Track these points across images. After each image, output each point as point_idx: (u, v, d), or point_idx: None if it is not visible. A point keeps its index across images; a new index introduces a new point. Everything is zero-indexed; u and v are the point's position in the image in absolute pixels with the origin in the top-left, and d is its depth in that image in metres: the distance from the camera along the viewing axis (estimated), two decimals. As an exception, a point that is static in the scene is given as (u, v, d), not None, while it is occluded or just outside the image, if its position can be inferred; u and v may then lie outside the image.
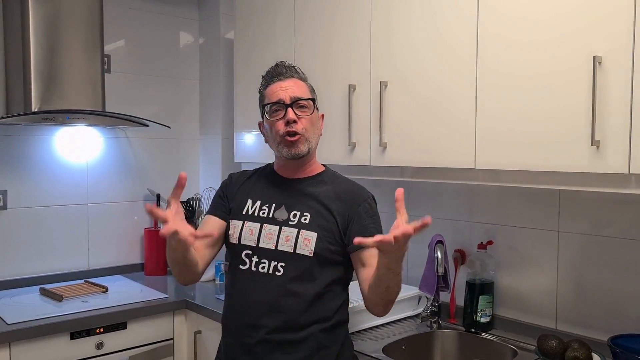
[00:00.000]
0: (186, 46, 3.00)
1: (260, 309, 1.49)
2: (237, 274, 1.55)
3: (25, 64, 2.25)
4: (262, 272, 1.51)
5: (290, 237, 1.50)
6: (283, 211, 1.54)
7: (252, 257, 1.52)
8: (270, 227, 1.53)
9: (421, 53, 1.77)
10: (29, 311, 2.10)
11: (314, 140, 1.57)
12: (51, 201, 2.58)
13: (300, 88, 1.56)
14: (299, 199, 1.55)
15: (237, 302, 1.55)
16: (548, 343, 1.59)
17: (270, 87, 1.56)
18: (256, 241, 1.53)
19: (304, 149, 1.53)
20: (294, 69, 1.59)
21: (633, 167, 1.31)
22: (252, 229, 1.54)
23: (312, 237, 1.49)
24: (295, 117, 1.51)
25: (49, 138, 2.58)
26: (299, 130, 1.51)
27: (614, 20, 1.33)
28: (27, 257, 2.51)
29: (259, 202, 1.58)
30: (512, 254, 1.95)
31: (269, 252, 1.51)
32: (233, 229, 1.57)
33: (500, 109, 1.57)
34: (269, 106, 1.55)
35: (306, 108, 1.54)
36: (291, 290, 1.48)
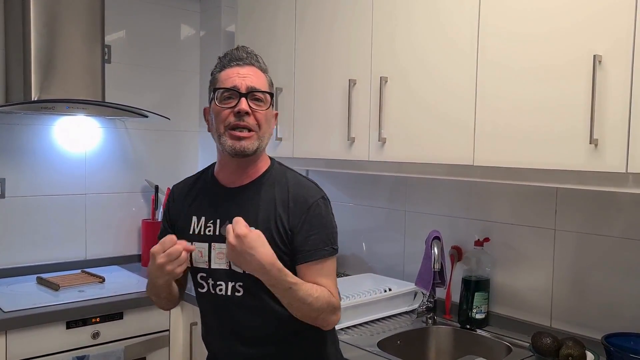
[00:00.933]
0: (187, 38, 3.00)
1: (229, 331, 1.43)
2: (199, 297, 1.47)
3: (25, 52, 2.24)
4: (221, 295, 1.40)
5: None
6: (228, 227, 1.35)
7: (208, 280, 1.42)
8: (219, 246, 1.39)
9: (422, 46, 1.77)
10: (25, 300, 2.10)
11: (265, 139, 1.40)
12: (49, 191, 2.58)
13: (260, 79, 1.39)
14: (242, 211, 1.37)
15: (207, 326, 1.51)
16: (542, 340, 1.60)
17: (226, 71, 1.38)
18: (207, 263, 1.41)
19: (252, 147, 1.36)
20: (256, 57, 1.42)
21: (631, 166, 1.31)
22: (201, 250, 1.41)
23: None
24: (248, 108, 1.34)
25: (48, 127, 2.57)
26: (251, 125, 1.35)
27: (614, 17, 1.33)
28: (24, 246, 2.52)
29: (203, 218, 1.43)
30: (508, 251, 1.95)
31: (223, 273, 1.39)
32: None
33: (499, 104, 1.57)
34: (221, 91, 1.36)
35: (262, 102, 1.37)
36: (255, 310, 1.38)
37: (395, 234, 2.35)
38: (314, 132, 2.18)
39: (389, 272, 2.33)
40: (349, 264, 2.53)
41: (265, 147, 1.43)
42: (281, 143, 2.31)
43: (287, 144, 2.28)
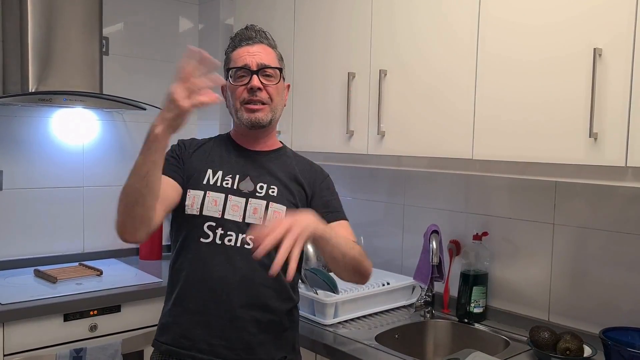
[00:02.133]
0: (185, 31, 2.98)
1: (229, 284, 1.41)
2: (196, 248, 1.43)
3: (23, 44, 2.23)
4: (229, 245, 1.42)
5: (258, 209, 1.43)
6: (248, 182, 1.47)
7: (217, 230, 1.42)
8: (235, 199, 1.44)
9: (422, 39, 1.76)
10: (23, 292, 2.10)
11: (278, 111, 1.52)
12: (47, 183, 2.57)
13: (269, 55, 1.49)
14: (264, 171, 1.49)
15: (198, 278, 1.43)
16: (540, 334, 1.60)
17: (237, 51, 1.49)
18: (221, 212, 1.43)
19: (266, 118, 1.47)
20: (265, 34, 1.53)
21: (630, 160, 1.31)
22: (216, 199, 1.44)
23: (282, 210, 1.44)
24: (260, 84, 1.45)
25: (46, 119, 2.56)
26: (264, 99, 1.46)
27: (615, 11, 1.33)
28: (21, 238, 2.51)
29: (221, 172, 1.48)
30: (506, 245, 1.95)
31: (236, 224, 1.43)
32: (192, 199, 1.44)
33: (499, 97, 1.57)
34: (234, 70, 1.48)
35: (272, 77, 1.48)
36: (263, 265, 1.36)
37: (393, 228, 2.34)
38: (312, 125, 2.17)
39: (388, 266, 2.33)
40: (347, 258, 2.53)
41: (278, 119, 1.54)
42: (280, 136, 2.30)
43: (286, 137, 2.27)
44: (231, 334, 1.41)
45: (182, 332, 1.43)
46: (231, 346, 1.41)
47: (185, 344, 1.42)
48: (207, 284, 1.42)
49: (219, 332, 1.41)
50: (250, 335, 1.42)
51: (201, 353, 1.41)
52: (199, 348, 1.41)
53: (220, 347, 1.40)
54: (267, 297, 1.43)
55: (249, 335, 1.42)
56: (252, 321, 1.42)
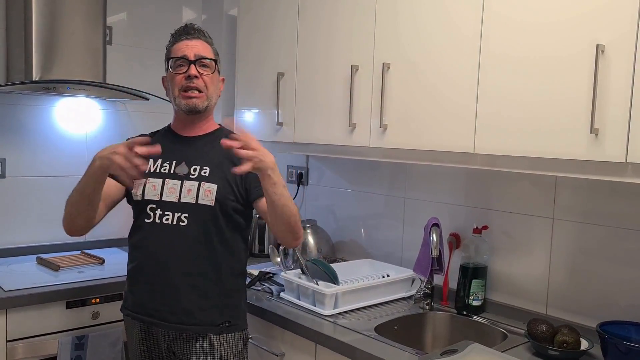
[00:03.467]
0: (189, 22, 2.97)
1: (169, 257, 1.63)
2: (142, 227, 1.67)
3: (27, 32, 2.23)
4: (166, 224, 1.63)
5: (192, 190, 1.63)
6: (183, 166, 1.67)
7: (156, 210, 1.65)
8: (172, 182, 1.65)
9: (427, 32, 1.77)
10: (25, 279, 2.12)
11: (214, 99, 1.71)
12: (50, 171, 2.58)
13: (206, 48, 1.70)
14: (198, 154, 1.69)
15: (144, 253, 1.66)
16: (538, 327, 1.62)
17: (177, 44, 1.69)
18: (159, 195, 1.64)
19: (202, 105, 1.67)
20: (203, 32, 1.73)
21: (630, 156, 1.32)
22: (155, 184, 1.66)
23: (213, 188, 1.63)
24: (196, 73, 1.64)
25: (49, 108, 2.57)
26: (200, 87, 1.65)
27: (618, 8, 1.33)
28: (24, 226, 2.53)
29: (160, 160, 1.68)
30: (506, 239, 1.97)
31: (172, 205, 1.64)
32: (136, 188, 1.66)
33: (501, 92, 1.58)
34: (173, 60, 1.67)
35: (208, 67, 1.68)
36: (196, 238, 1.63)
37: (394, 220, 2.36)
38: (315, 118, 2.18)
39: (388, 258, 2.34)
40: (348, 250, 2.55)
41: (213, 106, 1.74)
42: (282, 128, 2.31)
43: (288, 129, 2.28)
44: (173, 301, 1.63)
45: (136, 299, 1.69)
46: (173, 311, 1.63)
47: (139, 310, 1.68)
48: (152, 259, 1.65)
49: (163, 299, 1.64)
50: (189, 301, 1.63)
51: (151, 317, 1.66)
52: (149, 313, 1.66)
53: (165, 313, 1.64)
54: (203, 267, 1.64)
55: (188, 302, 1.63)
56: (192, 289, 1.63)
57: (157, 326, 1.67)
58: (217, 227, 1.65)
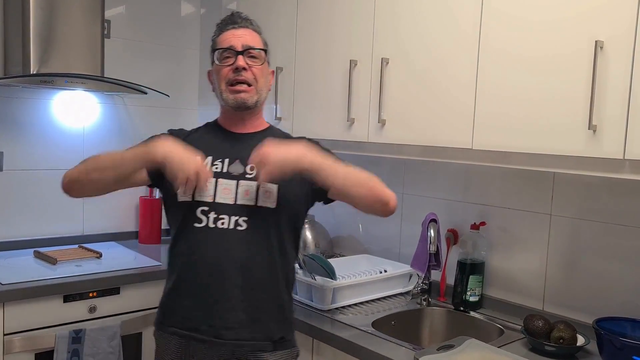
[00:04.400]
0: (187, 15, 2.97)
1: (224, 266, 1.43)
2: (191, 233, 1.46)
3: (25, 25, 2.22)
4: (222, 228, 1.44)
5: (250, 191, 1.46)
6: (238, 165, 1.49)
7: (209, 214, 1.45)
8: (226, 182, 1.46)
9: (426, 27, 1.76)
10: (23, 273, 2.11)
11: (263, 93, 1.54)
12: (47, 165, 2.58)
13: (254, 38, 1.52)
14: (252, 152, 1.45)
15: (195, 262, 1.46)
16: (534, 323, 1.62)
17: (223, 34, 1.52)
18: (212, 196, 1.45)
19: (251, 99, 1.50)
20: (250, 21, 1.56)
21: (628, 153, 1.32)
22: (207, 184, 1.46)
23: (274, 189, 1.46)
24: (245, 64, 1.47)
25: (47, 101, 2.56)
26: (249, 79, 1.48)
27: (618, 5, 1.33)
28: (22, 219, 2.52)
29: (210, 157, 1.50)
30: (504, 235, 1.97)
31: (228, 207, 1.45)
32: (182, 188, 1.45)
33: (500, 89, 1.57)
34: (219, 51, 1.51)
35: (257, 58, 1.51)
36: (256, 244, 1.45)
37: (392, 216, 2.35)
38: (313, 112, 2.18)
39: (385, 253, 2.35)
40: (346, 245, 2.55)
41: (264, 102, 1.56)
42: (280, 122, 2.30)
43: (287, 123, 2.28)
44: (228, 314, 1.43)
45: (184, 314, 1.47)
46: (228, 326, 1.43)
47: (187, 325, 1.46)
48: (203, 268, 1.45)
49: (217, 313, 1.44)
50: (247, 314, 1.44)
51: (202, 334, 1.44)
52: (200, 329, 1.44)
53: (219, 327, 1.43)
54: (262, 276, 1.46)
55: (245, 315, 1.44)
56: (249, 300, 1.44)
57: (207, 344, 1.44)
58: (278, 231, 1.48)
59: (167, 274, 1.54)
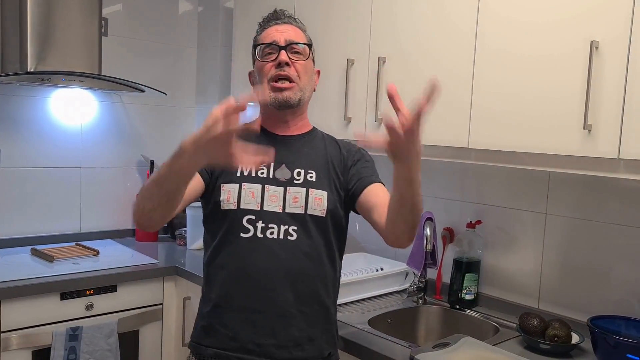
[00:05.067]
0: (185, 13, 2.97)
1: (275, 278, 1.35)
2: (237, 244, 1.37)
3: (22, 23, 2.22)
4: (271, 238, 1.35)
5: (299, 198, 1.37)
6: (284, 170, 1.40)
7: (257, 223, 1.36)
8: (273, 189, 1.38)
9: (423, 27, 1.77)
10: (20, 270, 2.12)
11: (307, 91, 1.44)
12: (44, 163, 2.58)
13: (298, 34, 1.44)
14: (299, 156, 1.43)
15: (241, 275, 1.36)
16: (530, 321, 1.63)
17: (265, 31, 1.44)
18: (259, 204, 1.36)
19: (294, 97, 1.40)
20: (294, 18, 1.49)
21: (623, 153, 1.33)
22: (253, 191, 1.37)
23: (323, 195, 1.38)
24: (287, 59, 1.38)
25: (44, 99, 2.56)
26: (292, 75, 1.38)
27: (613, 7, 1.34)
28: (18, 217, 2.52)
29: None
30: (499, 234, 1.98)
31: (276, 216, 1.36)
32: (227, 194, 1.37)
33: (496, 88, 1.58)
34: (261, 47, 1.42)
35: (301, 54, 1.42)
36: (307, 255, 1.37)
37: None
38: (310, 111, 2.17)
39: (382, 252, 2.35)
40: (342, 243, 2.55)
41: (307, 101, 1.47)
42: (278, 121, 2.31)
43: (284, 122, 2.27)
44: (280, 332, 1.35)
45: (228, 333, 1.37)
46: (281, 344, 1.35)
47: (233, 345, 1.36)
48: (251, 281, 1.35)
49: (267, 330, 1.35)
50: (300, 330, 1.36)
51: (250, 354, 1.35)
52: (247, 349, 1.35)
53: (270, 346, 1.35)
54: (314, 289, 1.39)
55: (299, 331, 1.36)
56: (301, 315, 1.37)
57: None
58: (327, 240, 1.41)
59: (205, 289, 1.44)
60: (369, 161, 1.48)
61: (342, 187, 1.44)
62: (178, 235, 2.75)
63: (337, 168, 1.45)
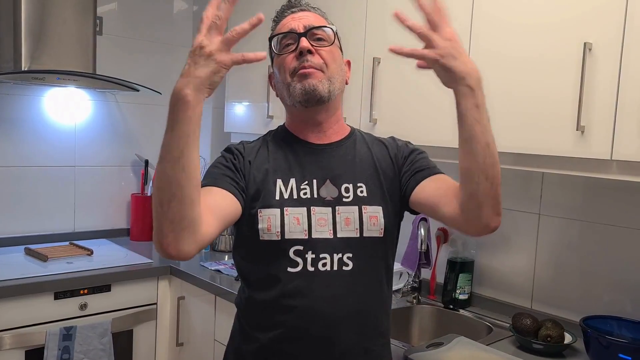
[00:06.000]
0: (179, 12, 2.97)
1: (334, 316, 1.14)
2: (285, 281, 1.14)
3: (16, 21, 2.21)
4: (324, 271, 1.13)
5: (351, 219, 1.15)
6: (330, 187, 1.18)
7: (306, 254, 1.13)
8: (319, 210, 1.15)
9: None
10: (13, 270, 2.11)
11: (337, 82, 1.18)
12: (38, 162, 2.57)
13: (318, 19, 1.21)
14: (345, 168, 1.20)
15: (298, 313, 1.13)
16: (522, 321, 1.64)
17: (281, 22, 1.22)
18: (307, 232, 1.13)
19: (323, 87, 1.15)
20: (311, 6, 1.27)
21: (615, 154, 1.34)
22: (298, 216, 1.14)
23: (378, 212, 1.17)
24: (309, 46, 1.15)
25: (38, 98, 2.55)
26: (317, 65, 1.15)
27: (606, 9, 1.35)
28: (12, 216, 2.51)
29: (293, 180, 1.17)
30: (493, 234, 1.96)
31: (327, 243, 1.14)
32: (267, 222, 1.13)
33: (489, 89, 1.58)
34: (277, 38, 1.19)
35: (325, 40, 1.18)
36: (367, 285, 1.17)
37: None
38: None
39: (376, 252, 2.36)
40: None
41: (339, 95, 1.22)
42: (272, 121, 2.31)
43: (279, 122, 2.27)
44: None
45: None
46: None
47: None
48: (311, 322, 1.14)
49: None
50: None
51: None
52: None
53: None
54: (377, 321, 1.20)
55: None
56: (364, 352, 1.18)
57: None
58: (386, 263, 1.22)
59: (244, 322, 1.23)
60: (421, 153, 1.25)
61: (398, 192, 1.22)
62: (172, 234, 2.74)
63: (388, 172, 1.22)
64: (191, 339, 2.26)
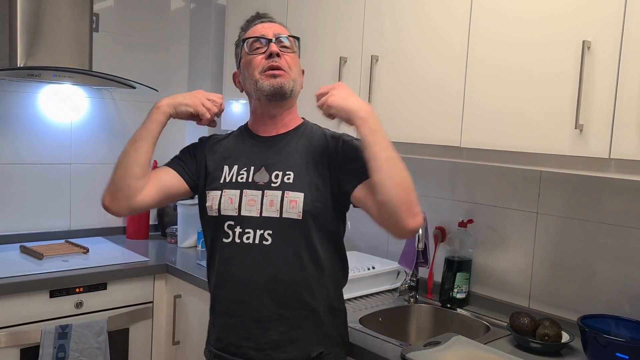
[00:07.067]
0: (177, 10, 2.96)
1: (253, 283, 1.37)
2: (219, 248, 1.42)
3: (12, 18, 2.20)
4: (247, 243, 1.37)
5: (274, 201, 1.36)
6: (263, 173, 1.41)
7: (235, 228, 1.39)
8: (251, 193, 1.39)
9: (410, 38, 1.77)
10: (9, 268, 2.10)
11: (298, 84, 1.46)
12: (34, 159, 2.55)
13: (283, 29, 1.47)
14: (279, 157, 1.42)
15: (223, 279, 1.42)
16: (520, 320, 1.64)
17: (251, 29, 1.46)
18: (237, 210, 1.39)
19: (288, 85, 1.40)
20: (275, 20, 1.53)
21: (614, 152, 1.33)
22: (232, 197, 1.40)
23: (299, 197, 1.36)
24: (278, 50, 1.39)
25: (34, 95, 2.54)
26: (283, 66, 1.39)
27: (605, 6, 1.34)
28: (7, 214, 2.50)
29: (236, 166, 1.44)
30: (491, 233, 1.98)
31: (253, 220, 1.38)
32: (211, 201, 1.42)
33: (488, 87, 1.58)
34: (249, 41, 1.43)
35: (289, 48, 1.44)
36: (284, 259, 1.37)
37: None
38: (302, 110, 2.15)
39: (373, 250, 2.35)
40: (334, 242, 2.55)
41: (297, 94, 1.48)
42: (270, 119, 2.30)
43: (276, 120, 2.27)
44: (258, 335, 1.38)
45: (217, 334, 1.45)
46: (260, 347, 1.38)
47: (219, 345, 1.44)
48: (232, 286, 1.40)
49: (246, 333, 1.39)
50: (280, 334, 1.37)
51: (232, 355, 1.41)
52: (230, 350, 1.41)
53: (249, 349, 1.38)
54: (296, 293, 1.38)
55: (278, 335, 1.37)
56: (280, 319, 1.37)
57: None
58: (308, 243, 1.38)
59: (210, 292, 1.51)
60: (357, 149, 1.38)
61: (331, 183, 1.39)
62: (169, 233, 2.74)
63: (322, 164, 1.40)
64: (187, 338, 2.25)
